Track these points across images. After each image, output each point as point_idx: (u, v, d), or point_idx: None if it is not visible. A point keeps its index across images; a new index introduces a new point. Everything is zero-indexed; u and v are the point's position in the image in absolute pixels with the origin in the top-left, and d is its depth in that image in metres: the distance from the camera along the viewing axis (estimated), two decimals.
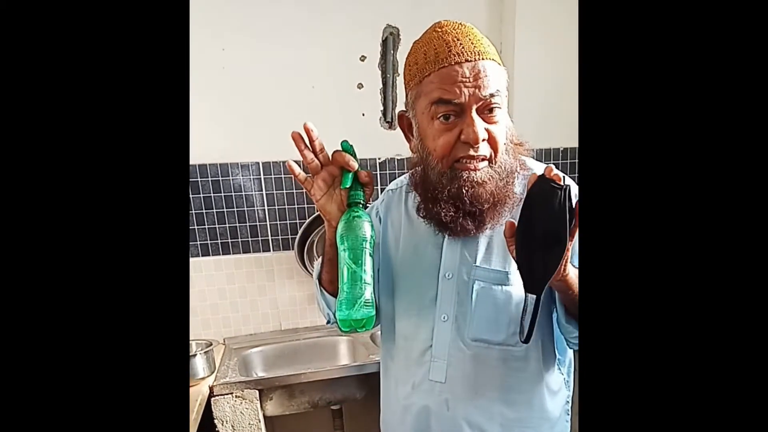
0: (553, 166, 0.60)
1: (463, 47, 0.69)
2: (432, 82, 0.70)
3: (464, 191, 0.71)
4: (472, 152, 0.70)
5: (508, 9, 1.74)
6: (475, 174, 0.71)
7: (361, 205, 0.70)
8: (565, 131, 1.82)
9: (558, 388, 0.83)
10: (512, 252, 0.65)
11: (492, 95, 0.69)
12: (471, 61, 0.68)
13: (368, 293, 0.68)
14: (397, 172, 1.78)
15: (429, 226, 0.80)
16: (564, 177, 0.60)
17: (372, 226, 0.70)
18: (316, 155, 0.69)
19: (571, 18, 1.67)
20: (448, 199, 0.73)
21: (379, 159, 1.77)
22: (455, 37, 0.70)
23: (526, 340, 0.66)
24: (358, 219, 0.69)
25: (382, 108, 1.74)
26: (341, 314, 0.68)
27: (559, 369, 0.83)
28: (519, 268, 0.64)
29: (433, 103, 0.70)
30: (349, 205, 0.70)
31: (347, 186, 0.69)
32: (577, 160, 1.88)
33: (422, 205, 0.79)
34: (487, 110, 0.70)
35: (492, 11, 1.78)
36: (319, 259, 0.86)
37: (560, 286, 0.68)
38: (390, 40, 1.70)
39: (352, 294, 0.68)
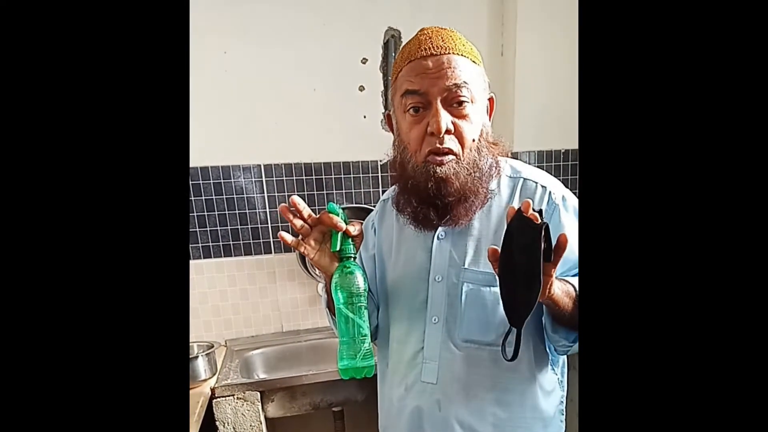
0: (530, 201, 0.59)
1: (432, 43, 0.72)
2: (402, 75, 0.74)
3: (429, 184, 0.73)
4: (437, 144, 0.71)
5: (509, 11, 1.74)
6: (440, 168, 0.72)
7: (352, 259, 0.73)
8: (565, 133, 1.82)
9: (551, 388, 0.83)
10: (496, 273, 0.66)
11: (457, 85, 0.70)
12: (437, 54, 0.71)
13: (367, 344, 0.72)
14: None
15: (404, 220, 0.82)
16: (541, 214, 0.60)
17: (365, 277, 0.73)
18: (304, 221, 0.71)
19: (572, 20, 1.67)
20: (412, 191, 0.76)
21: (380, 161, 1.77)
22: (429, 36, 0.74)
23: (513, 358, 0.66)
24: (350, 274, 0.72)
25: (383, 110, 1.75)
26: (343, 364, 0.72)
27: (553, 369, 0.83)
28: (502, 302, 0.65)
29: (403, 95, 0.73)
30: (340, 260, 0.73)
31: (336, 249, 0.71)
32: (577, 163, 1.88)
33: (397, 197, 0.82)
34: (455, 103, 0.72)
35: (493, 13, 1.78)
36: (323, 287, 0.87)
37: (547, 303, 0.69)
38: (391, 42, 1.70)
39: (353, 347, 0.72)
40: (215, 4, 1.54)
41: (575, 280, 0.73)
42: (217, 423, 1.40)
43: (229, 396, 1.41)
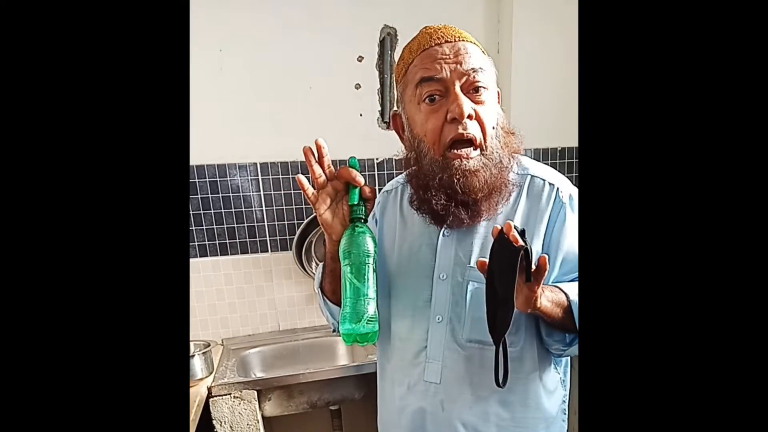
0: (512, 223, 0.59)
1: (443, 33, 0.72)
2: (415, 66, 0.72)
3: (456, 180, 0.71)
4: (461, 130, 0.69)
5: (505, 9, 1.74)
6: (468, 162, 0.71)
7: (362, 221, 0.71)
8: (562, 131, 1.83)
9: (554, 387, 0.83)
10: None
11: (474, 70, 0.69)
12: (451, 41, 0.71)
13: (372, 309, 0.70)
14: (395, 172, 1.78)
15: (423, 226, 0.80)
16: (523, 234, 0.60)
17: (375, 241, 0.71)
18: (323, 170, 0.70)
19: (568, 18, 1.68)
20: (440, 188, 0.73)
21: (377, 159, 1.77)
22: (438, 28, 0.73)
23: (503, 383, 0.67)
24: (361, 234, 0.70)
25: (379, 108, 1.75)
26: (345, 328, 0.70)
27: (556, 368, 0.83)
28: (486, 319, 0.66)
29: (417, 84, 0.71)
30: (351, 221, 0.71)
31: (354, 202, 0.70)
32: (575, 160, 1.89)
33: (415, 195, 0.79)
34: (472, 90, 0.71)
35: (489, 11, 1.78)
36: (319, 268, 0.86)
37: (535, 314, 0.69)
38: (387, 40, 1.70)
39: (356, 310, 0.69)
40: (211, 3, 1.54)
41: (569, 286, 0.73)
42: (214, 422, 1.40)
43: (226, 395, 1.40)
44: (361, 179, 0.69)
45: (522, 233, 0.60)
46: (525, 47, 1.73)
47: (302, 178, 0.69)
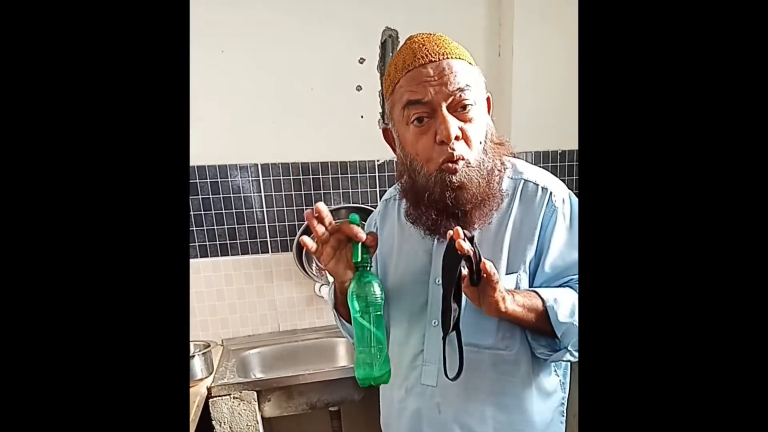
0: (460, 230, 0.61)
1: (427, 50, 0.71)
2: (401, 86, 0.72)
3: (447, 195, 0.72)
4: (450, 151, 0.70)
5: (506, 12, 1.75)
6: (454, 177, 0.71)
7: (368, 268, 0.74)
8: (562, 134, 1.83)
9: (552, 390, 0.83)
10: None
11: (460, 89, 0.69)
12: (435, 61, 0.70)
13: (384, 353, 0.73)
14: (395, 174, 1.78)
15: (419, 231, 0.81)
16: (472, 240, 0.62)
17: (381, 287, 0.74)
18: (325, 228, 0.71)
19: (569, 21, 1.68)
20: (430, 203, 0.74)
21: (377, 161, 1.78)
22: (421, 43, 0.72)
23: (456, 377, 0.69)
24: (368, 284, 0.72)
25: (380, 110, 1.75)
26: (361, 374, 0.72)
27: (555, 371, 0.83)
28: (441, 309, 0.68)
29: (404, 106, 0.72)
30: (356, 269, 0.73)
31: (358, 259, 0.72)
32: (573, 163, 1.89)
33: (410, 210, 0.80)
34: (459, 108, 0.71)
35: (490, 14, 1.78)
36: (330, 290, 0.87)
37: (505, 319, 0.71)
38: (389, 42, 1.70)
39: (370, 356, 0.72)
40: (212, 4, 1.54)
41: (547, 291, 0.73)
42: (214, 422, 1.40)
43: (225, 395, 1.41)
44: (362, 235, 0.70)
45: (471, 240, 0.62)
46: (526, 50, 1.74)
47: (305, 238, 0.70)
